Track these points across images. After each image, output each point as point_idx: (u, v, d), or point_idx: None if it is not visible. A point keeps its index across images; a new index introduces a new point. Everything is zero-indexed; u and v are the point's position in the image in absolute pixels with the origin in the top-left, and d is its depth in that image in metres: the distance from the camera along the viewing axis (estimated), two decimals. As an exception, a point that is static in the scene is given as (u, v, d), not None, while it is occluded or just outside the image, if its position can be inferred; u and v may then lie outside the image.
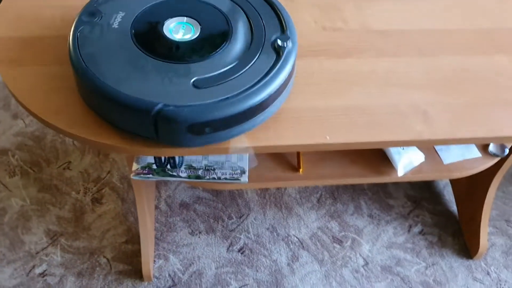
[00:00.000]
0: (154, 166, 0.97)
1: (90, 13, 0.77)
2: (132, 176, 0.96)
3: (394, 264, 1.30)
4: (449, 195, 1.44)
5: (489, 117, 0.80)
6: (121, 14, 0.77)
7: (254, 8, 0.81)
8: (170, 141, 0.71)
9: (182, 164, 0.98)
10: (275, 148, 0.77)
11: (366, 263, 1.30)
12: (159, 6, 0.80)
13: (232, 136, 0.72)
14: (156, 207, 1.36)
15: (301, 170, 1.01)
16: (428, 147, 1.05)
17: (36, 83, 0.78)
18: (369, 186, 1.44)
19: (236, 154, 0.97)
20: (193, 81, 0.69)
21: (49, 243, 1.28)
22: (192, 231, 1.33)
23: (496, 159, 1.06)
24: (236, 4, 0.81)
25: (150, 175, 0.96)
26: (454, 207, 1.41)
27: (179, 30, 0.76)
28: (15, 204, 1.34)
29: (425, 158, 1.03)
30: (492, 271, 1.30)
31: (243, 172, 0.98)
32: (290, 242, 1.32)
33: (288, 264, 1.28)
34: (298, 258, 1.30)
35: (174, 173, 0.97)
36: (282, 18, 0.80)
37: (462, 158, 1.05)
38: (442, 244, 1.34)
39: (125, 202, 1.37)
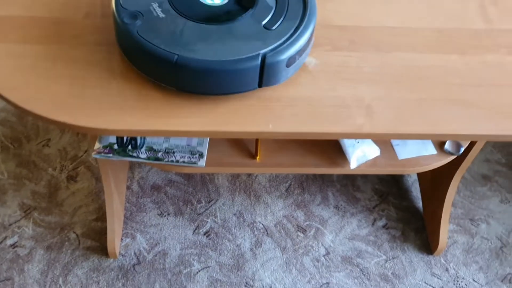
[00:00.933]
0: (116, 146, 1.01)
1: (131, 16, 0.78)
2: (93, 155, 1.00)
3: (355, 256, 1.33)
4: (416, 192, 1.47)
5: (433, 114, 0.83)
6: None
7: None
8: (272, 81, 0.79)
9: (143, 145, 1.01)
10: (223, 134, 0.80)
11: (328, 253, 1.33)
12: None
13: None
14: (128, 188, 1.40)
15: (258, 157, 1.04)
16: (384, 141, 1.08)
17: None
18: (338, 178, 1.47)
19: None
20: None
21: (22, 216, 1.33)
22: (161, 212, 1.37)
23: (451, 158, 1.09)
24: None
25: (111, 154, 1.00)
26: (420, 204, 1.44)
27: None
28: (-8, 177, 1.39)
29: (381, 152, 1.06)
30: (450, 268, 1.33)
31: (201, 156, 1.01)
32: (255, 229, 1.36)
33: (251, 250, 1.32)
34: (261, 244, 1.33)
35: (134, 154, 1.00)
36: None
37: (417, 154, 1.07)
38: (405, 239, 1.37)
39: (98, 181, 1.41)
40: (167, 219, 1.36)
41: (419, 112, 0.83)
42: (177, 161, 1.00)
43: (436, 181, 1.32)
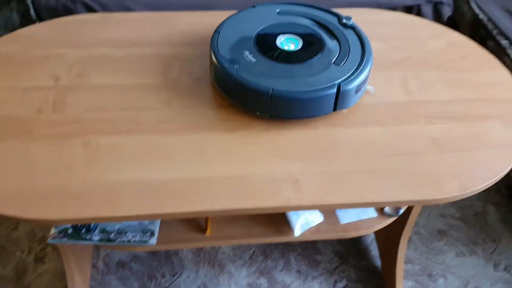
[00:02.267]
0: (70, 230, 1.06)
1: (230, 61, 0.99)
2: (48, 240, 1.06)
3: (317, 319, 1.36)
4: (374, 250, 1.52)
5: (355, 184, 0.90)
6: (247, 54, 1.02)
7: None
8: (344, 105, 1.00)
9: (96, 227, 1.07)
10: (160, 216, 0.87)
11: (291, 318, 1.36)
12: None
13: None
14: (94, 266, 1.44)
15: (208, 231, 1.10)
16: (331, 209, 1.15)
17: None
18: (299, 242, 1.52)
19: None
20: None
21: (-11, 301, 1.36)
22: (127, 288, 1.40)
23: (392, 219, 1.15)
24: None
25: (65, 239, 1.05)
26: (378, 262, 1.49)
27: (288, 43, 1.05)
28: (-39, 264, 1.43)
29: (324, 217, 1.12)
30: (411, 325, 1.37)
31: (152, 234, 1.07)
32: (219, 299, 1.40)
33: (215, 320, 1.35)
34: (226, 314, 1.36)
35: (88, 237, 1.06)
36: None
37: (359, 218, 1.14)
38: (365, 299, 1.41)
39: (66, 261, 1.45)
40: (132, 295, 1.39)
41: (342, 183, 0.90)
42: (129, 241, 1.06)
43: (389, 240, 1.38)
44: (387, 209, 1.15)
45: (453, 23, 1.86)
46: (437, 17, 1.81)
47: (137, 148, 0.94)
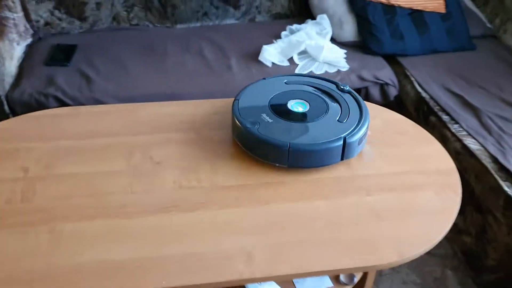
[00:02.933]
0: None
1: (252, 123, 1.20)
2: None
3: None
4: (339, 322, 1.56)
5: (302, 254, 0.98)
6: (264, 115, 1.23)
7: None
8: (350, 155, 1.19)
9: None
10: (121, 294, 0.92)
11: None
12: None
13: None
14: None
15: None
16: (285, 280, 1.21)
17: None
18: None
19: None
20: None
21: None
22: None
23: (347, 288, 1.22)
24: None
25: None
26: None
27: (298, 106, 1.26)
28: None
29: (282, 290, 1.19)
30: None
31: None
32: None
33: None
34: None
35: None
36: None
37: (315, 288, 1.20)
38: None
39: None
40: None
41: (289, 254, 0.98)
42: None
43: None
44: (342, 278, 1.22)
45: (399, 101, 2.03)
46: (384, 97, 1.98)
47: (100, 231, 1.02)
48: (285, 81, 1.35)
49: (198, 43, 2.12)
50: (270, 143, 1.14)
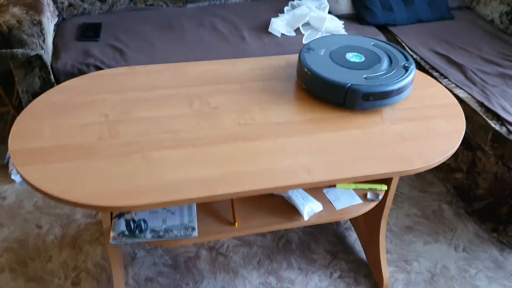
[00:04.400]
0: (127, 232, 1.31)
1: (308, 49, 1.53)
2: (111, 241, 1.30)
3: (321, 303, 1.64)
4: (359, 247, 1.83)
5: (348, 167, 1.23)
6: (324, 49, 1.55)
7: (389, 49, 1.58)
8: (352, 105, 1.40)
9: (147, 229, 1.33)
10: (210, 198, 1.15)
11: (300, 305, 1.63)
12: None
13: (382, 105, 1.41)
14: (126, 283, 1.66)
15: (236, 224, 1.38)
16: (324, 199, 1.46)
17: (45, 174, 1.15)
18: (296, 246, 1.81)
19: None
20: (364, 76, 1.43)
21: (38, 322, 1.54)
22: (157, 298, 1.63)
23: (374, 204, 1.48)
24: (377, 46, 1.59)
25: (124, 239, 1.31)
26: (363, 255, 1.80)
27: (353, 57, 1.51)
28: (5, 295, 1.61)
29: (323, 207, 1.44)
30: (397, 299, 1.66)
31: (193, 229, 1.34)
32: (238, 297, 1.64)
33: (238, 313, 1.59)
34: (245, 308, 1.61)
35: (142, 236, 1.31)
36: (406, 55, 1.52)
37: (349, 204, 1.46)
38: (357, 284, 1.70)
39: (99, 283, 1.66)
40: (163, 302, 1.61)
41: (338, 167, 1.23)
42: (176, 236, 1.32)
43: (370, 233, 1.70)
44: (369, 196, 1.48)
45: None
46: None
47: (183, 157, 1.24)
48: (372, 43, 1.60)
49: (210, 19, 2.34)
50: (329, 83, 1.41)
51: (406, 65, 1.47)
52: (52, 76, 1.91)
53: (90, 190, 1.13)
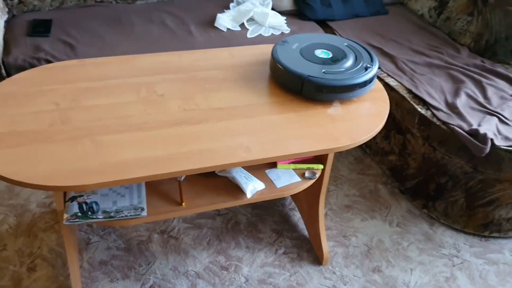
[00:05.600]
0: (79, 214, 1.40)
1: (283, 42, 1.67)
2: (64, 222, 1.38)
3: (267, 277, 1.76)
4: (301, 225, 1.97)
5: (284, 145, 1.36)
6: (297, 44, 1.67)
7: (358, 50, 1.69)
8: (308, 95, 1.53)
9: (99, 210, 1.42)
10: (156, 176, 1.25)
11: (247, 280, 1.74)
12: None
13: (332, 99, 1.53)
14: (81, 267, 1.73)
15: (183, 203, 1.49)
16: (265, 178, 1.59)
17: None
18: (244, 226, 1.93)
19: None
20: (323, 71, 1.54)
21: (-6, 306, 1.60)
22: (111, 279, 1.71)
23: (312, 181, 1.62)
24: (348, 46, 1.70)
25: (77, 220, 1.39)
26: (306, 232, 1.94)
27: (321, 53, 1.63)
28: (-39, 283, 1.65)
29: (265, 185, 1.56)
30: (336, 271, 1.81)
31: (142, 209, 1.43)
32: (189, 275, 1.75)
33: (189, 289, 1.69)
34: (196, 285, 1.71)
35: (94, 217, 1.40)
36: (371, 56, 1.63)
37: (289, 182, 1.59)
38: (300, 258, 1.84)
39: (54, 267, 1.73)
40: (117, 283, 1.70)
41: (274, 146, 1.36)
42: (126, 216, 1.41)
43: (310, 210, 1.84)
44: (307, 174, 1.62)
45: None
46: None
47: (131, 140, 1.34)
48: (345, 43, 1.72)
49: (159, 15, 2.43)
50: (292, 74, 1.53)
51: (367, 65, 1.58)
52: (3, 71, 1.96)
53: (43, 172, 1.21)
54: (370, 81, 1.55)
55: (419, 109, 1.94)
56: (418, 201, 2.08)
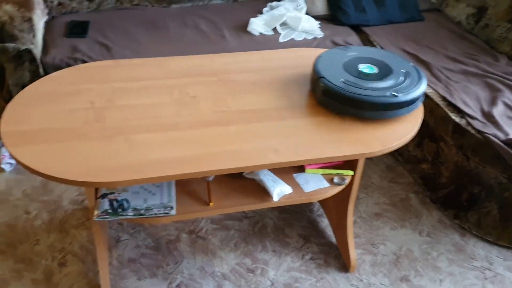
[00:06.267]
0: (110, 210, 1.42)
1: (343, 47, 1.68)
2: (94, 218, 1.41)
3: (293, 282, 1.75)
4: (329, 231, 1.95)
5: (315, 149, 1.36)
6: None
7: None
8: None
9: (129, 207, 1.44)
10: (185, 175, 1.27)
11: (273, 284, 1.74)
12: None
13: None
14: (110, 264, 1.76)
15: (211, 204, 1.50)
16: (293, 182, 1.58)
17: (35, 153, 1.26)
18: (271, 230, 1.93)
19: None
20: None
21: (26, 298, 1.64)
22: (139, 277, 1.73)
23: (341, 187, 1.61)
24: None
25: (108, 216, 1.41)
26: (333, 239, 1.92)
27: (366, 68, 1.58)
28: (-5, 275, 1.70)
29: (293, 190, 1.56)
30: (364, 279, 1.79)
31: (171, 208, 1.45)
32: (215, 276, 1.75)
33: (214, 291, 1.70)
34: (222, 286, 1.72)
35: (124, 214, 1.42)
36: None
37: (317, 187, 1.58)
38: (327, 265, 1.82)
39: (84, 263, 1.76)
40: (145, 281, 1.72)
41: (303, 149, 1.35)
42: (155, 214, 1.43)
43: (339, 217, 1.82)
44: (336, 180, 1.61)
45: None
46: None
47: (163, 140, 1.36)
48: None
49: (193, 19, 2.46)
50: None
51: (393, 93, 1.46)
52: (41, 70, 2.02)
53: (76, 168, 1.24)
54: (396, 106, 1.46)
55: (453, 117, 1.91)
56: (450, 211, 2.04)
